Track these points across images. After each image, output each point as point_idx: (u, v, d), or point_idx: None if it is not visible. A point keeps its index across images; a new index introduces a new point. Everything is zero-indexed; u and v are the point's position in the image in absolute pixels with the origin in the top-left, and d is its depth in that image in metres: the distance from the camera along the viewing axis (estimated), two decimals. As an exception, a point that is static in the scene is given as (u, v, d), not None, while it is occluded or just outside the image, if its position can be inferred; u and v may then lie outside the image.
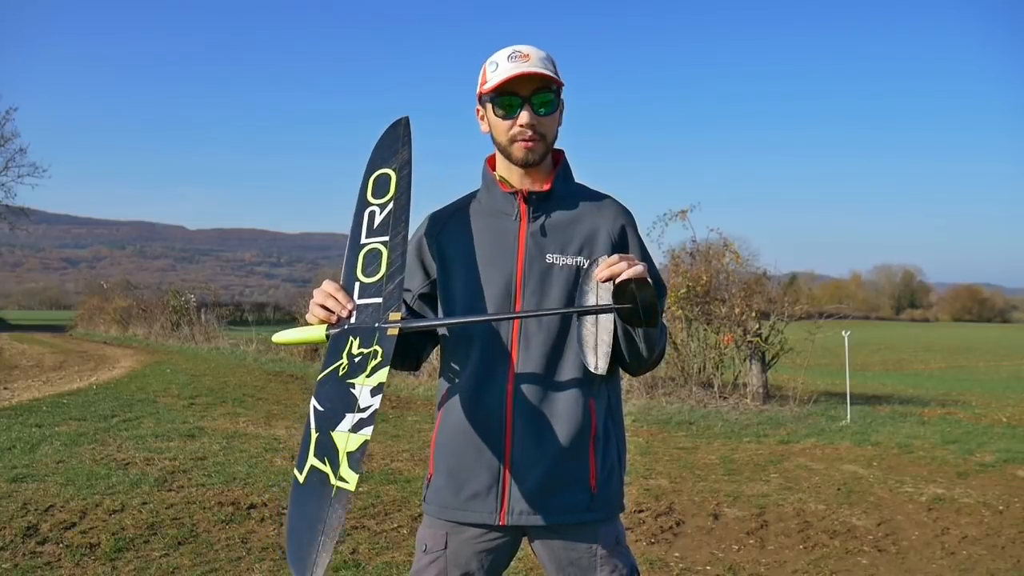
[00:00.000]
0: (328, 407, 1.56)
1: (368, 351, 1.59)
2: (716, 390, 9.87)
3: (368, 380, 1.55)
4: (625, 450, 1.78)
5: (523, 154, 1.66)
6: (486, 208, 1.75)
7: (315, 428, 1.55)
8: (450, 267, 1.73)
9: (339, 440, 1.50)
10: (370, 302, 1.66)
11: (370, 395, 1.53)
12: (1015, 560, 4.12)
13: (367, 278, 1.69)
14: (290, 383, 11.62)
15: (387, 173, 1.77)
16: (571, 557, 1.68)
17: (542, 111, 1.64)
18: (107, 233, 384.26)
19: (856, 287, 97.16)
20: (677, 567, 3.93)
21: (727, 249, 10.53)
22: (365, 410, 1.52)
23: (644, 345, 1.62)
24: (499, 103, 1.65)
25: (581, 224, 1.70)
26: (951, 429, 8.09)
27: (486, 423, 1.65)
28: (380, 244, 1.71)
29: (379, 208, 1.74)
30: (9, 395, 9.60)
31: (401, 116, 1.84)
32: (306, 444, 1.53)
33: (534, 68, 1.61)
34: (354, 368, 1.58)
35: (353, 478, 1.45)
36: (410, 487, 5.23)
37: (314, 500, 1.44)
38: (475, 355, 1.67)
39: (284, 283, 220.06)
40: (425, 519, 1.77)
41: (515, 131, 1.65)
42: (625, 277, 1.47)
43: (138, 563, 3.65)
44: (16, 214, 39.25)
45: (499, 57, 1.65)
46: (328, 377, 1.61)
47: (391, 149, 1.80)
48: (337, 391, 1.57)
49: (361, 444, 1.48)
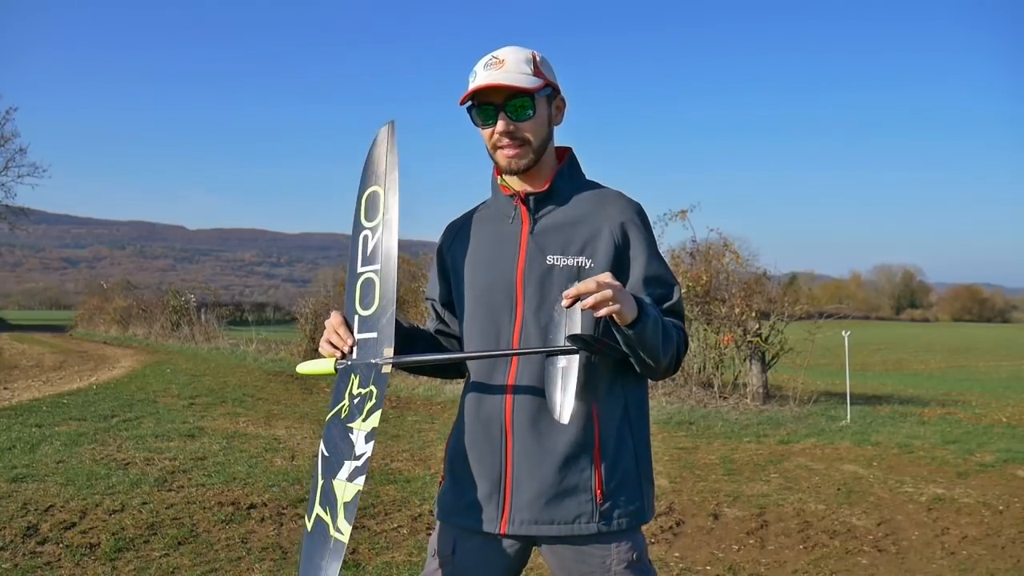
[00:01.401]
0: (332, 453, 1.61)
1: (365, 392, 1.61)
2: (716, 390, 9.87)
3: (363, 425, 1.58)
4: (648, 459, 1.68)
5: (506, 162, 1.65)
6: (491, 213, 1.75)
7: (321, 475, 1.61)
8: (460, 274, 1.74)
9: (338, 489, 1.56)
10: (368, 337, 1.67)
11: (364, 441, 1.57)
12: (1015, 560, 4.12)
13: (364, 310, 1.69)
14: (290, 383, 11.61)
15: (376, 191, 1.74)
16: (582, 571, 1.61)
17: (516, 117, 1.61)
18: (107, 233, 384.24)
19: (856, 287, 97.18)
20: (677, 567, 3.93)
21: (727, 249, 10.53)
22: (359, 458, 1.56)
23: (642, 356, 1.53)
24: (476, 112, 1.64)
25: (583, 224, 1.66)
26: (951, 429, 8.09)
27: (487, 429, 1.64)
28: (373, 273, 1.70)
29: (371, 232, 1.72)
30: (9, 395, 9.59)
31: (386, 123, 1.77)
32: (314, 491, 1.60)
33: (500, 79, 1.58)
34: (353, 411, 1.62)
35: (347, 530, 1.51)
36: (410, 487, 5.23)
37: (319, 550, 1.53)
38: (477, 361, 1.67)
39: (284, 283, 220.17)
40: (437, 524, 1.76)
41: (495, 139, 1.64)
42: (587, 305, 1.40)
43: (138, 563, 3.65)
44: (16, 214, 39.25)
45: (478, 66, 1.64)
46: (334, 419, 1.65)
47: (378, 163, 1.75)
48: (340, 436, 1.62)
49: (355, 494, 1.53)
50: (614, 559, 1.60)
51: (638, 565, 1.62)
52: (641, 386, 1.70)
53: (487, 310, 1.67)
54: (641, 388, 1.70)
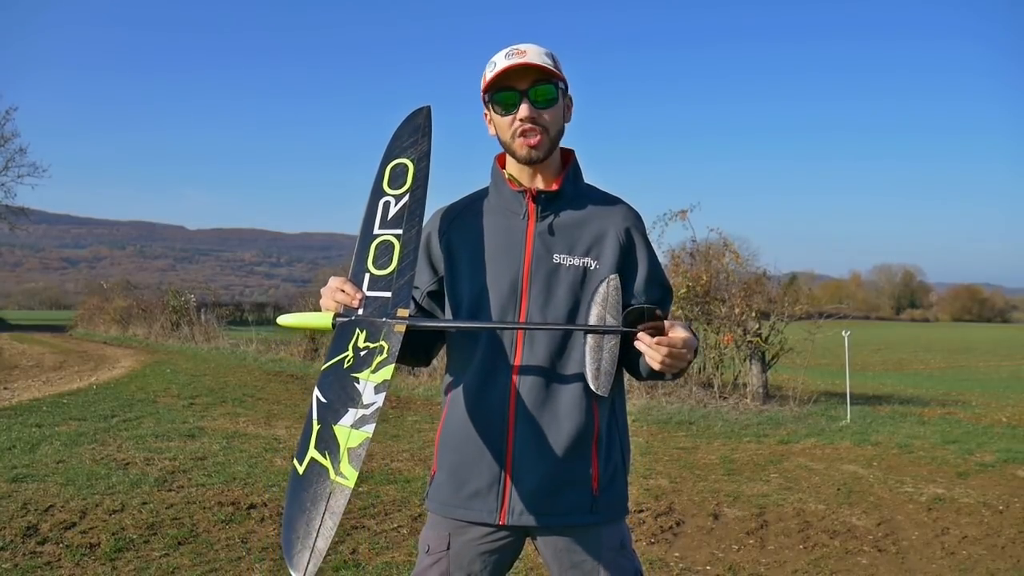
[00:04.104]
0: (331, 399, 1.55)
1: (375, 346, 1.58)
2: (716, 390, 9.87)
3: (373, 376, 1.54)
4: (629, 452, 1.77)
5: (526, 152, 1.65)
6: (495, 206, 1.75)
7: (317, 420, 1.54)
8: (458, 264, 1.73)
9: (340, 435, 1.49)
10: (379, 295, 1.65)
11: (374, 392, 1.53)
12: (1015, 560, 4.12)
13: (378, 270, 1.68)
14: (290, 383, 11.61)
15: (405, 163, 1.76)
16: (574, 560, 1.67)
17: (541, 103, 1.63)
18: (107, 233, 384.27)
19: (856, 287, 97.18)
20: (677, 567, 3.93)
21: (727, 249, 10.54)
22: (368, 407, 1.51)
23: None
24: (498, 99, 1.65)
25: (589, 225, 1.69)
26: (951, 429, 8.09)
27: (488, 421, 1.65)
28: (393, 237, 1.70)
29: (394, 199, 1.73)
30: (9, 395, 9.59)
31: (423, 105, 1.82)
32: (307, 435, 1.52)
33: (531, 59, 1.60)
34: (359, 362, 1.57)
35: (353, 475, 1.44)
36: (410, 487, 5.23)
37: (313, 493, 1.44)
38: (480, 352, 1.67)
39: (284, 283, 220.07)
40: (429, 519, 1.76)
41: (516, 125, 1.64)
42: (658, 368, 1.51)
43: (138, 563, 3.65)
44: (16, 214, 39.22)
45: (497, 57, 1.65)
46: (333, 368, 1.59)
47: (411, 139, 1.78)
48: (341, 384, 1.56)
49: (363, 441, 1.47)
50: (604, 546, 1.67)
51: (624, 552, 1.70)
52: (621, 384, 1.75)
53: (491, 302, 1.67)
54: (621, 384, 1.75)
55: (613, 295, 1.58)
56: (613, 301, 1.57)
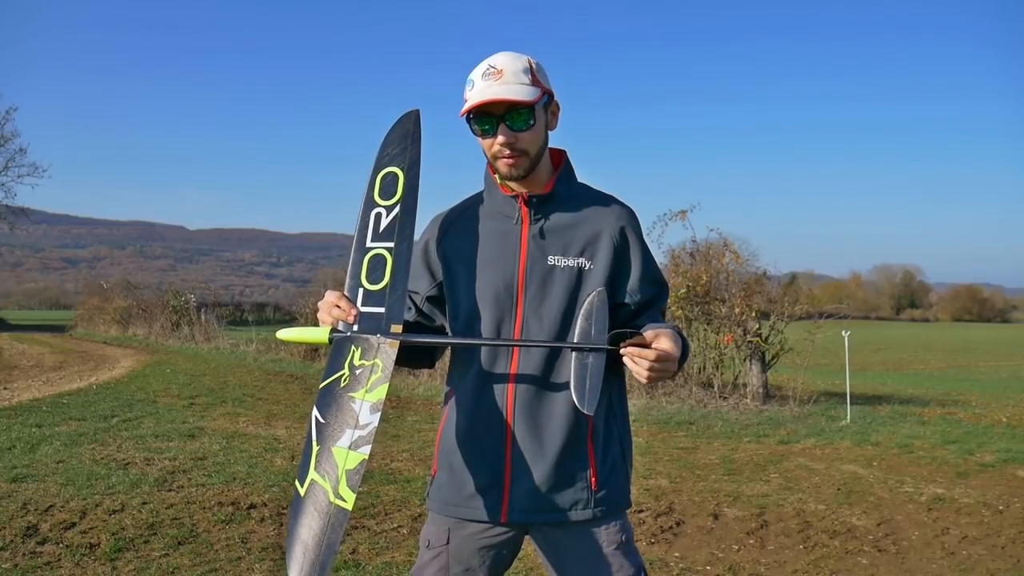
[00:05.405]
0: (329, 420, 1.57)
1: (369, 363, 1.60)
2: (716, 390, 9.87)
3: (368, 396, 1.56)
4: (630, 447, 1.78)
5: (507, 170, 1.67)
6: (489, 211, 1.76)
7: (316, 440, 1.56)
8: (455, 270, 1.75)
9: (339, 457, 1.52)
10: (373, 311, 1.66)
11: (369, 412, 1.55)
12: (1015, 560, 4.12)
13: (371, 285, 1.68)
14: (290, 383, 11.61)
15: (395, 172, 1.75)
16: (574, 554, 1.69)
17: (519, 127, 1.63)
18: (107, 233, 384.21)
19: (856, 287, 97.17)
20: (677, 567, 3.93)
21: (727, 249, 10.53)
22: (364, 427, 1.53)
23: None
24: (476, 123, 1.66)
25: (583, 226, 1.70)
26: (951, 429, 8.09)
27: (488, 421, 1.67)
28: (385, 250, 1.70)
29: (385, 211, 1.73)
30: (9, 395, 9.59)
31: (411, 109, 1.79)
32: (307, 456, 1.55)
33: (501, 94, 1.59)
34: (355, 381, 1.59)
35: (351, 498, 1.47)
36: (410, 487, 5.23)
37: (315, 515, 1.48)
38: (478, 355, 1.69)
39: (284, 283, 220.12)
40: (429, 516, 1.78)
41: (495, 149, 1.65)
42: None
43: (138, 563, 3.65)
44: (16, 214, 39.24)
45: (475, 74, 1.65)
46: (330, 387, 1.61)
47: (400, 146, 1.77)
48: (338, 404, 1.58)
49: (359, 463, 1.50)
50: (604, 541, 1.68)
51: (626, 547, 1.70)
52: (621, 379, 1.77)
53: (487, 307, 1.69)
54: (621, 379, 1.77)
55: (599, 309, 1.57)
56: (599, 316, 1.56)
